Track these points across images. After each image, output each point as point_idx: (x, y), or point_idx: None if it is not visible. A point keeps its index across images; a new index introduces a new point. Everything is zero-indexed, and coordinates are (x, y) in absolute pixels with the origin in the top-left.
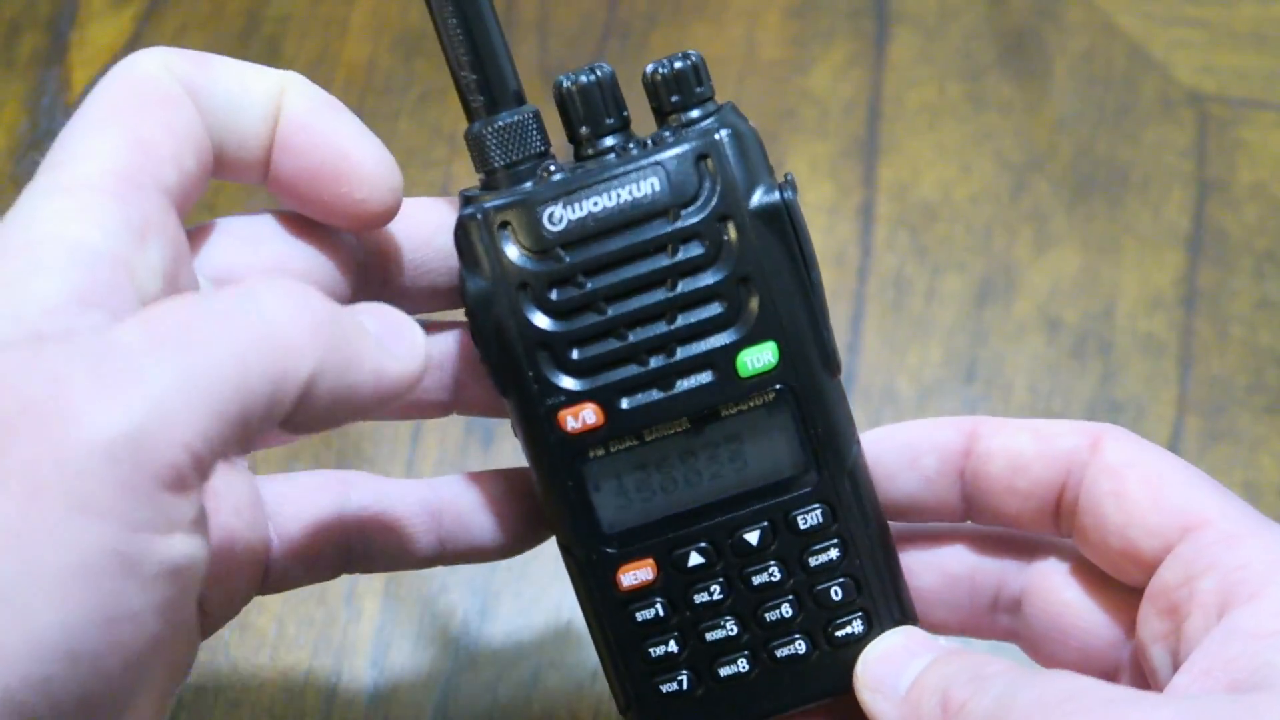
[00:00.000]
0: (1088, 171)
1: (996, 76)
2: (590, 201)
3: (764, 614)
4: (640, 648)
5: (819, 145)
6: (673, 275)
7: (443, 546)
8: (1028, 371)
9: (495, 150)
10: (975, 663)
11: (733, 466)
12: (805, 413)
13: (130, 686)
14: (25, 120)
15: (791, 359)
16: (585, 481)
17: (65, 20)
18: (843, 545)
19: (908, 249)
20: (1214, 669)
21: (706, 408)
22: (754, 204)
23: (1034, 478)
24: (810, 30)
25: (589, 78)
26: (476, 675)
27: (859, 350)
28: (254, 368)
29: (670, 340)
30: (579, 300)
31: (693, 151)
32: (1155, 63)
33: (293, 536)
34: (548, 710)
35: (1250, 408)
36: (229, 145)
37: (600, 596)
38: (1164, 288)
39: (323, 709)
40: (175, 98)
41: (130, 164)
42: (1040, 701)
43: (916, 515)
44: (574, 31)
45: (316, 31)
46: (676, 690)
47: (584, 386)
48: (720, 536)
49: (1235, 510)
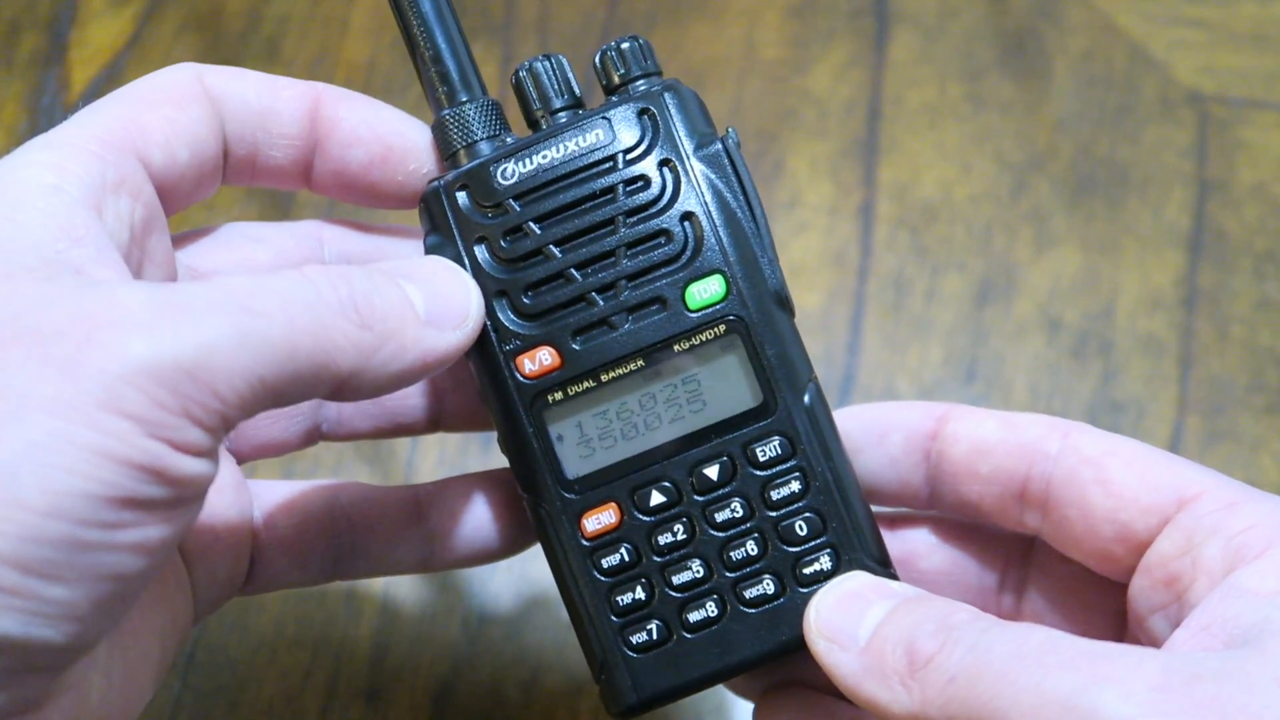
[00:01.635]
0: (1088, 171)
1: (996, 76)
2: (539, 155)
3: (729, 552)
4: (609, 597)
5: (819, 145)
6: (619, 216)
7: (432, 547)
8: (1028, 371)
9: (455, 133)
10: (941, 610)
11: (691, 405)
12: (757, 344)
13: (141, 576)
14: (25, 120)
15: (740, 291)
16: (546, 427)
17: (65, 20)
18: (804, 478)
19: (908, 249)
20: (1213, 625)
21: (658, 342)
22: (694, 149)
23: (997, 463)
24: (810, 30)
25: (542, 62)
26: (476, 675)
27: (859, 350)
28: (300, 351)
29: (619, 278)
30: (530, 246)
31: (636, 105)
32: (1155, 63)
33: (280, 529)
34: (548, 710)
35: (1250, 408)
36: (263, 149)
37: (567, 546)
38: (1164, 288)
39: (323, 709)
40: (190, 99)
41: (117, 134)
42: (1018, 654)
43: (880, 496)
44: (574, 31)
45: (316, 31)
46: (647, 640)
47: (538, 329)
48: (681, 474)
49: (1226, 480)
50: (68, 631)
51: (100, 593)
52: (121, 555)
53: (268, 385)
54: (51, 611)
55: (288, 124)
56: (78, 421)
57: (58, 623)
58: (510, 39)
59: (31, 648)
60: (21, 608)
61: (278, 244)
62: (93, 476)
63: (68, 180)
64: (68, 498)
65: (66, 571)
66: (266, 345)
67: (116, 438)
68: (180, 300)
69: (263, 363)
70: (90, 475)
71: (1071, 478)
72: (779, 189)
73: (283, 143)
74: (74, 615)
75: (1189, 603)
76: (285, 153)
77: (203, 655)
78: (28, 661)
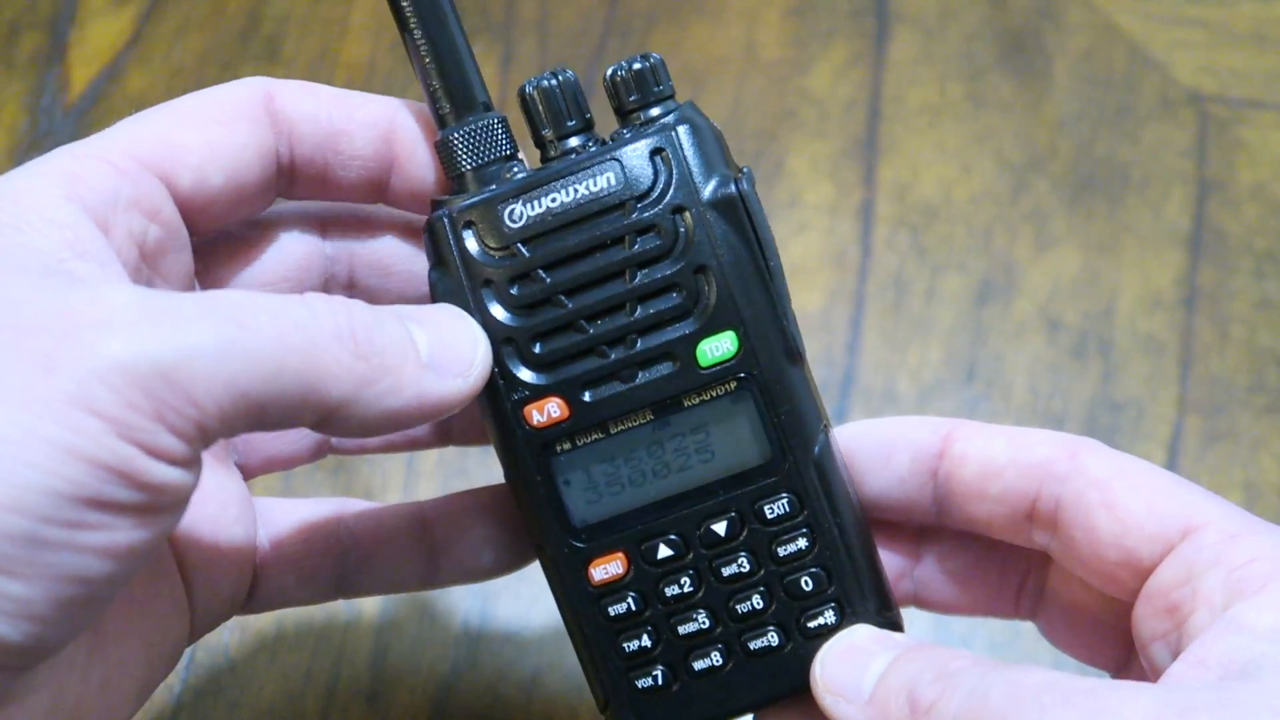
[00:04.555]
0: (1088, 171)
1: (996, 76)
2: (548, 198)
3: (735, 605)
4: (614, 643)
5: (819, 145)
6: (630, 267)
7: (437, 563)
8: (1028, 371)
9: (463, 154)
10: (940, 659)
11: (699, 457)
12: (768, 401)
13: (108, 581)
14: (25, 120)
15: (752, 348)
16: (554, 476)
17: (65, 20)
18: (811, 535)
19: (908, 249)
20: (1209, 659)
21: (668, 398)
22: (708, 195)
23: (1006, 484)
24: (810, 30)
25: (550, 81)
26: (476, 675)
27: (859, 350)
28: (288, 369)
29: (629, 331)
30: (539, 294)
31: (647, 146)
32: (1155, 63)
33: (285, 546)
34: (548, 710)
35: (1250, 408)
36: (334, 169)
37: (573, 592)
38: (1164, 288)
39: (323, 709)
40: (243, 118)
41: (146, 150)
42: (1015, 695)
43: (887, 513)
44: (574, 31)
45: (316, 31)
46: (652, 685)
47: (548, 380)
48: (689, 528)
49: (1232, 511)
50: (25, 630)
51: (62, 593)
52: (85, 557)
53: (250, 400)
54: (8, 608)
55: (360, 146)
56: (47, 417)
57: (15, 620)
58: (510, 39)
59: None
60: None
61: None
62: (58, 473)
63: (80, 193)
64: (30, 493)
65: (25, 568)
66: (250, 358)
67: (86, 436)
68: (167, 305)
69: (246, 375)
70: (55, 472)
71: (1078, 500)
72: (779, 189)
73: (355, 164)
74: (32, 614)
75: (1188, 633)
76: (358, 173)
77: (203, 655)
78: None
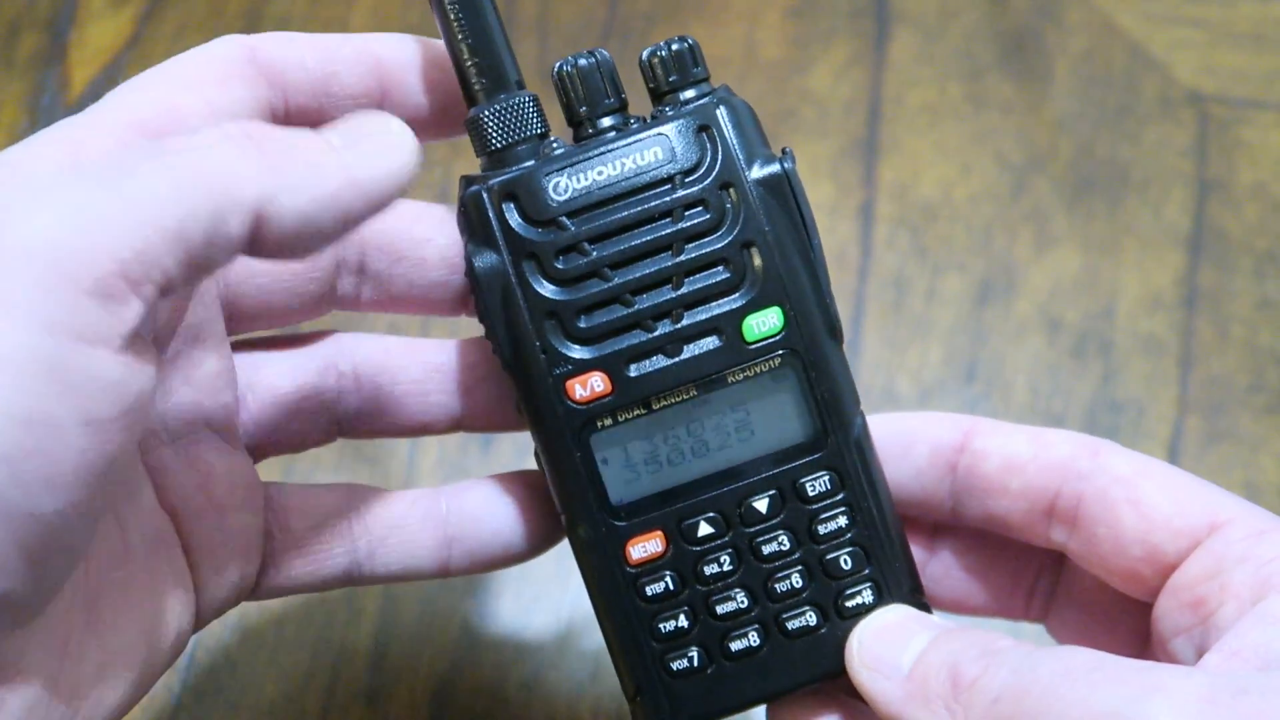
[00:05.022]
0: (1088, 171)
1: (996, 76)
2: (595, 171)
3: (774, 584)
4: (650, 624)
5: (819, 145)
6: (677, 241)
7: (450, 552)
8: (1028, 371)
9: (495, 131)
10: (984, 639)
11: (739, 435)
12: (811, 378)
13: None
14: (25, 120)
15: (796, 324)
16: (593, 453)
17: (65, 20)
18: (850, 513)
19: (908, 249)
20: (1244, 650)
21: (713, 373)
22: (755, 173)
23: (1028, 480)
24: (810, 30)
25: (588, 60)
26: (476, 675)
27: (859, 350)
28: (188, 188)
29: (676, 305)
30: (585, 268)
31: (694, 122)
32: (1155, 63)
33: (295, 532)
34: (548, 710)
35: (1250, 408)
36: (329, 114)
37: (610, 572)
38: (1164, 288)
39: (323, 709)
40: (235, 76)
41: (147, 117)
42: (1065, 671)
43: (903, 507)
44: (574, 30)
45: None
46: (687, 667)
47: (591, 354)
48: (729, 505)
49: (1256, 509)
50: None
51: (18, 536)
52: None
53: (164, 233)
54: None
55: (351, 83)
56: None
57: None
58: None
59: None
60: None
61: None
62: None
63: (82, 161)
64: None
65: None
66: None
67: (8, 343)
68: (37, 180)
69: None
70: None
71: (1103, 496)
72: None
73: (349, 103)
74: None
75: (1215, 626)
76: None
77: (202, 655)
78: None
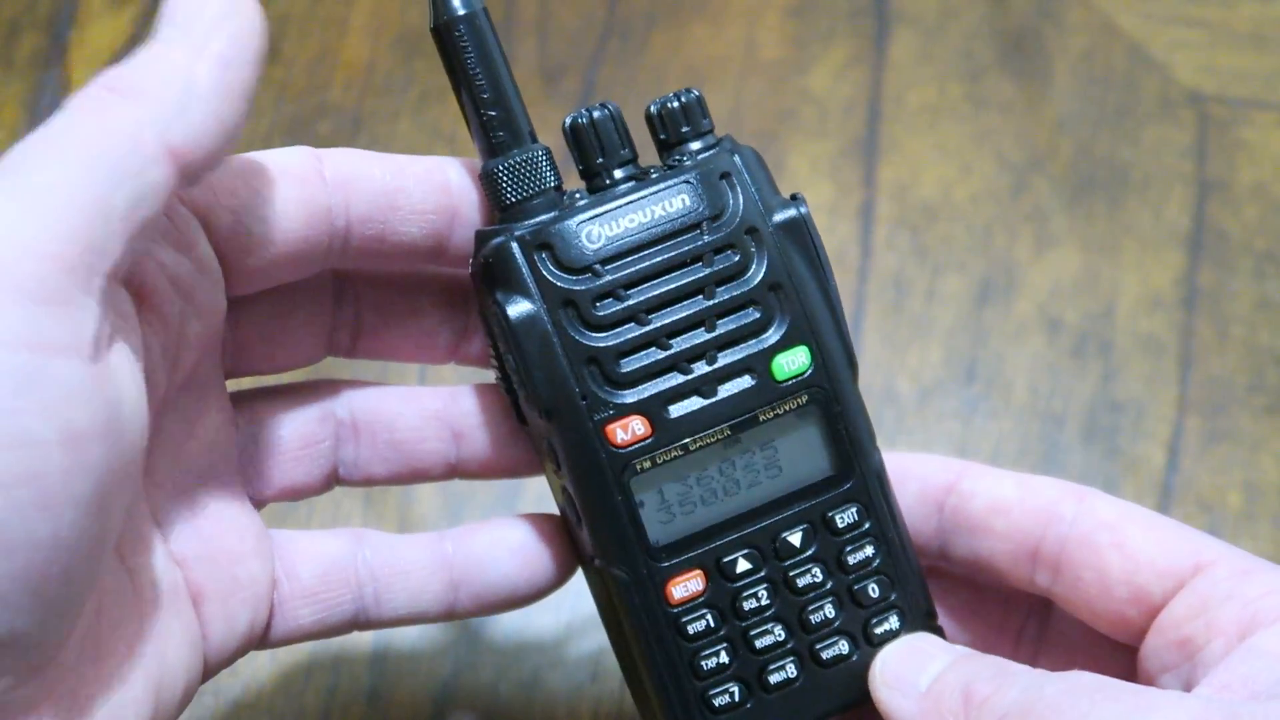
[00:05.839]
0: (1088, 171)
1: (996, 76)
2: (627, 219)
3: (809, 616)
4: (692, 662)
5: (819, 145)
6: (709, 284)
7: (456, 595)
8: (1028, 371)
9: (512, 185)
10: (999, 663)
11: (769, 473)
12: (836, 413)
13: (60, 540)
14: (25, 120)
15: (822, 361)
16: (633, 496)
17: (65, 21)
18: (875, 542)
19: (908, 249)
20: (1233, 683)
21: (747, 412)
22: (777, 218)
23: (1014, 522)
24: (810, 30)
25: (601, 112)
26: (476, 675)
27: (859, 350)
28: (92, 162)
29: (710, 347)
30: (623, 313)
31: (715, 170)
32: (1155, 63)
33: (303, 580)
34: (548, 710)
35: (1250, 408)
36: (393, 224)
37: (649, 614)
38: (1164, 288)
39: (323, 709)
40: (292, 176)
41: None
42: (1069, 690)
43: None
44: (574, 31)
45: (316, 31)
46: (729, 703)
47: (632, 398)
48: (764, 541)
49: (1237, 550)
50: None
51: (18, 567)
52: (26, 513)
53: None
54: None
55: (420, 199)
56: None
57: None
58: (510, 39)
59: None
60: None
61: None
62: None
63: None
64: None
65: None
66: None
67: None
68: None
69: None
70: None
71: (1088, 540)
72: (779, 189)
73: (415, 218)
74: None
75: (1202, 663)
76: (420, 228)
77: None
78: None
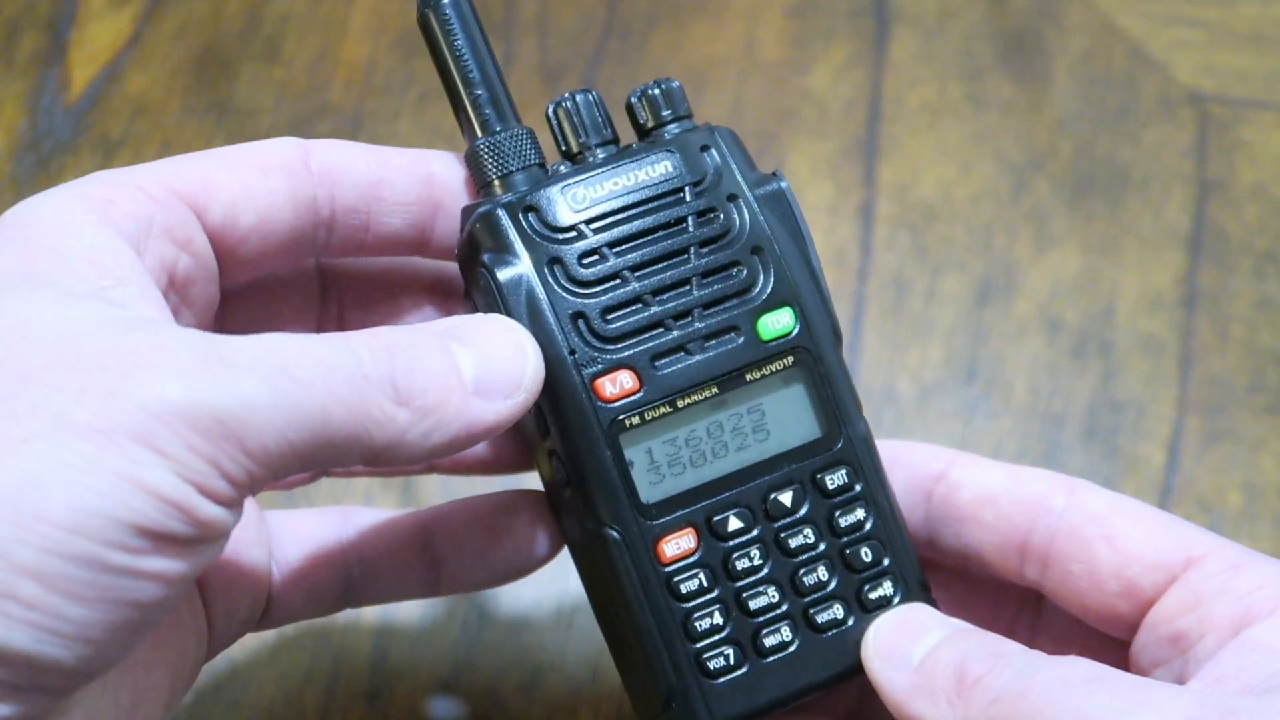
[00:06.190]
0: (1088, 171)
1: (996, 76)
2: (610, 182)
3: (802, 578)
4: (685, 623)
5: (819, 145)
6: (693, 245)
7: (439, 574)
8: (1028, 371)
9: (496, 160)
10: (994, 641)
11: (755, 434)
12: (820, 376)
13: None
14: (25, 120)
15: (806, 324)
16: (623, 452)
17: (65, 20)
18: (866, 506)
19: (908, 249)
20: (1227, 677)
21: (733, 369)
22: (756, 188)
23: (1002, 512)
24: (810, 30)
25: (583, 96)
26: (476, 675)
27: (859, 350)
28: (334, 420)
29: (695, 305)
30: (608, 271)
31: (696, 141)
32: (1155, 63)
33: (292, 564)
34: (548, 710)
35: (1250, 408)
36: (377, 214)
37: (641, 573)
38: (1164, 288)
39: (323, 709)
40: (278, 169)
41: (180, 182)
42: (1064, 679)
43: None
44: (574, 31)
45: (316, 31)
46: (723, 665)
47: (619, 352)
48: (754, 500)
49: (1229, 543)
50: (79, 654)
51: (117, 618)
52: (142, 583)
53: (297, 450)
54: (67, 630)
55: (403, 191)
56: (110, 449)
57: (71, 644)
58: (510, 38)
59: (39, 665)
60: (37, 622)
61: None
62: (121, 501)
63: (115, 219)
64: (94, 518)
65: (86, 590)
66: (300, 411)
67: (148, 470)
68: (224, 352)
69: (295, 427)
70: (118, 500)
71: (1077, 533)
72: None
73: (399, 210)
74: (88, 638)
75: (1195, 658)
76: (403, 219)
77: None
78: (32, 679)
